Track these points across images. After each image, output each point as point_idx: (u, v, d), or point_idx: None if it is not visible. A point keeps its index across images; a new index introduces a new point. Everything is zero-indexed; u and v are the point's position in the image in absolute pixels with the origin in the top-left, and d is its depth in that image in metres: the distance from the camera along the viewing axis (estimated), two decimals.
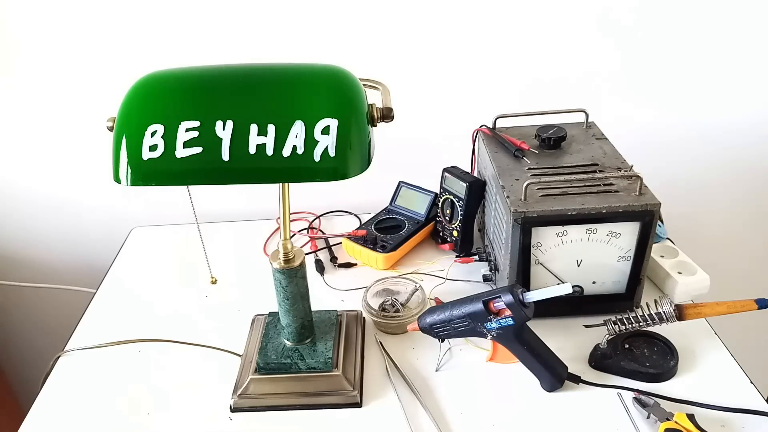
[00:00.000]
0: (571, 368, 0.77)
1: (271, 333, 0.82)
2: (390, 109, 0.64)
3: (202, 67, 0.64)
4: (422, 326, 0.77)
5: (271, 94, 0.60)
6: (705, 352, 0.81)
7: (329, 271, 1.03)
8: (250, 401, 0.77)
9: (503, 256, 0.84)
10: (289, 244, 0.73)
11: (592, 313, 0.83)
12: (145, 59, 1.05)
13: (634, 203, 0.77)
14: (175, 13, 1.02)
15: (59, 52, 1.05)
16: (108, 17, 1.02)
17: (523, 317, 0.70)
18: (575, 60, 1.08)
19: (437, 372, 0.81)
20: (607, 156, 0.89)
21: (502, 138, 0.94)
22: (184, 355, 0.86)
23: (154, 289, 1.01)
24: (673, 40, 1.07)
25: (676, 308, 0.74)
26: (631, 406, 0.73)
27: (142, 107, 0.60)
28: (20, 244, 1.28)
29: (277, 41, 1.05)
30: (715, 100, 1.13)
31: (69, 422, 0.78)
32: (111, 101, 0.67)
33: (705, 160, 1.20)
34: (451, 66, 1.09)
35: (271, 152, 0.58)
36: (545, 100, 1.07)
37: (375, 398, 0.78)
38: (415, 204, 1.08)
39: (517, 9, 1.03)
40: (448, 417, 0.74)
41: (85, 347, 0.88)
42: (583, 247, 0.81)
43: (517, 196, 0.80)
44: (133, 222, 1.21)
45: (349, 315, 0.88)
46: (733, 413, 0.71)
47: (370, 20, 1.04)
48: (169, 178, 0.59)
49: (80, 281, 1.24)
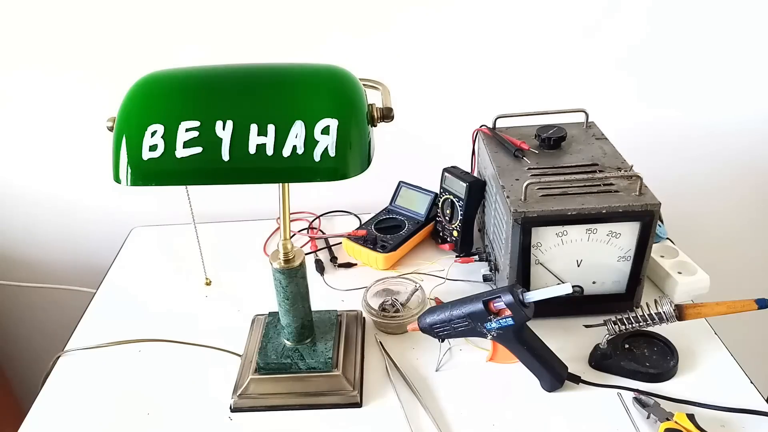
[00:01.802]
0: (571, 368, 0.77)
1: (271, 333, 0.82)
2: (390, 109, 0.64)
3: (202, 67, 0.64)
4: (422, 326, 0.77)
5: (271, 94, 0.60)
6: (705, 352, 0.81)
7: (329, 271, 1.03)
8: (250, 401, 0.77)
9: (503, 256, 0.84)
10: (289, 244, 0.73)
11: (592, 313, 0.83)
12: (145, 59, 1.04)
13: (634, 203, 0.77)
14: (175, 13, 1.02)
15: (59, 52, 1.05)
16: (108, 17, 1.02)
17: (523, 317, 0.70)
18: (575, 60, 1.08)
19: (437, 372, 0.81)
20: (607, 156, 0.89)
21: (502, 138, 0.94)
22: (184, 355, 0.86)
23: (154, 289, 1.01)
24: (674, 40, 1.07)
25: (676, 308, 0.74)
26: (631, 406, 0.73)
27: (142, 107, 0.60)
28: (20, 244, 1.28)
29: (277, 41, 1.05)
30: (716, 100, 1.13)
31: (69, 422, 0.78)
32: (111, 101, 0.67)
33: (705, 160, 1.20)
34: (451, 66, 1.09)
35: (271, 152, 0.58)
36: (545, 100, 1.07)
37: (375, 398, 0.78)
38: (415, 204, 1.08)
39: (517, 9, 1.03)
40: (448, 417, 0.74)
41: (85, 347, 0.88)
42: (583, 247, 0.81)
43: (517, 196, 0.80)
44: (133, 222, 1.21)
45: (349, 315, 0.88)
46: (733, 413, 0.71)
47: (370, 20, 1.04)
48: (169, 178, 0.59)
49: (80, 281, 1.24)
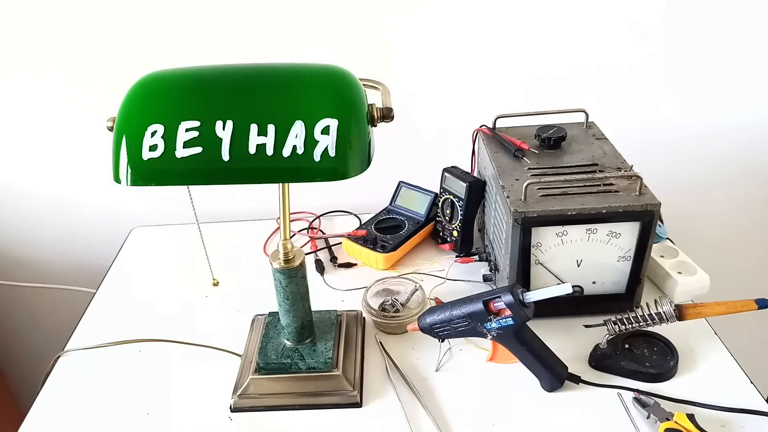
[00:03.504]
0: (571, 368, 0.77)
1: (271, 333, 0.82)
2: (390, 109, 0.64)
3: (202, 67, 0.64)
4: (422, 326, 0.77)
5: (271, 94, 0.60)
6: (705, 352, 0.81)
7: (329, 271, 1.03)
8: (250, 401, 0.77)
9: (503, 256, 0.84)
10: (289, 244, 0.73)
11: (592, 313, 0.83)
12: (145, 59, 1.04)
13: (634, 203, 0.77)
14: (175, 13, 1.02)
15: (59, 51, 1.05)
16: (108, 17, 1.02)
17: (523, 317, 0.70)
18: (575, 60, 1.08)
19: (437, 372, 0.81)
20: (607, 156, 0.89)
21: (502, 138, 0.94)
22: (184, 355, 0.86)
23: (154, 289, 1.01)
24: (674, 40, 1.07)
25: (676, 308, 0.74)
26: (631, 406, 0.73)
27: (142, 107, 0.60)
28: (20, 244, 1.28)
29: (277, 41, 1.05)
30: (716, 100, 1.13)
31: (69, 422, 0.78)
32: (111, 101, 0.67)
33: (705, 160, 1.20)
34: (452, 66, 1.09)
35: (271, 152, 0.58)
36: (545, 100, 1.07)
37: (375, 398, 0.78)
38: (415, 204, 1.08)
39: (517, 9, 1.03)
40: (448, 417, 0.74)
41: (85, 347, 0.88)
42: (583, 247, 0.81)
43: (517, 196, 0.80)
44: (133, 222, 1.21)
45: (349, 315, 0.88)
46: (733, 413, 0.71)
47: (370, 20, 1.04)
48: (169, 178, 0.59)
49: (80, 281, 1.24)
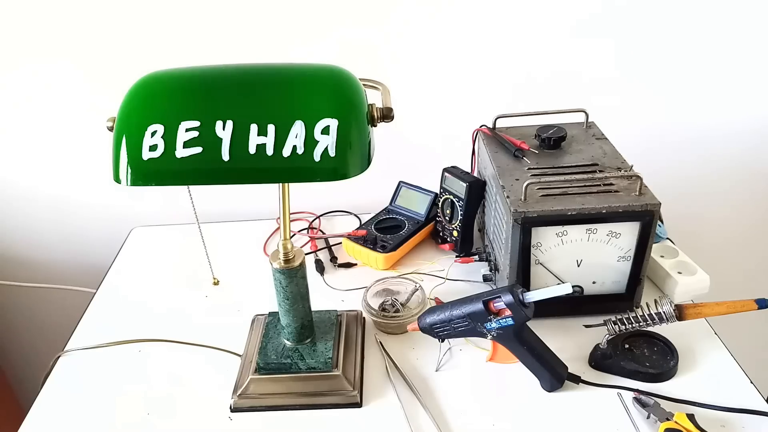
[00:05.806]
0: (571, 368, 0.77)
1: (271, 333, 0.82)
2: (390, 109, 0.64)
3: (202, 67, 0.64)
4: (422, 326, 0.77)
5: (271, 94, 0.60)
6: (705, 352, 0.81)
7: (329, 271, 1.03)
8: (250, 401, 0.77)
9: (503, 256, 0.84)
10: (289, 244, 0.73)
11: (592, 313, 0.83)
12: (145, 59, 1.04)
13: (634, 203, 0.77)
14: (175, 13, 1.02)
15: (59, 51, 1.05)
16: (109, 17, 1.02)
17: (523, 317, 0.70)
18: (575, 60, 1.08)
19: (437, 372, 0.81)
20: (607, 156, 0.89)
21: (502, 138, 0.94)
22: (184, 355, 0.86)
23: (154, 289, 1.01)
24: (675, 40, 1.07)
25: (676, 308, 0.74)
26: (631, 406, 0.73)
27: (142, 107, 0.60)
28: (20, 244, 1.28)
29: (278, 41, 1.05)
30: (716, 100, 1.13)
31: (69, 422, 0.78)
32: (111, 101, 0.67)
33: (705, 160, 1.20)
34: (451, 66, 1.09)
35: (271, 152, 0.58)
36: (545, 100, 1.07)
37: (375, 398, 0.78)
38: (415, 204, 1.08)
39: (517, 8, 1.03)
40: (448, 417, 0.74)
41: (85, 347, 0.88)
42: (583, 247, 0.81)
43: (517, 196, 0.80)
44: (133, 222, 1.21)
45: (349, 315, 0.88)
46: (733, 413, 0.71)
47: (370, 20, 1.04)
48: (169, 178, 0.59)
49: (80, 281, 1.24)
